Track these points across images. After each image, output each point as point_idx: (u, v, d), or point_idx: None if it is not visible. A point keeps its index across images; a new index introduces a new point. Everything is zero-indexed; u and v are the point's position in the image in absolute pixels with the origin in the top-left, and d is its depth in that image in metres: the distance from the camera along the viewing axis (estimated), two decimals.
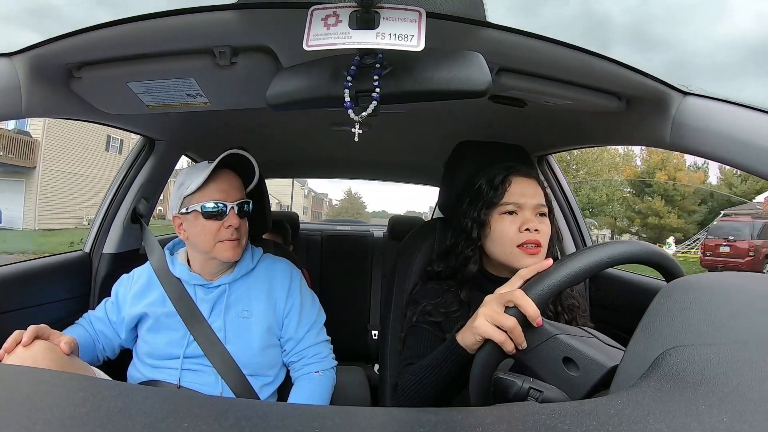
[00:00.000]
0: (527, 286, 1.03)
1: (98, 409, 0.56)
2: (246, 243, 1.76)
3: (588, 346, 0.94)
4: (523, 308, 0.99)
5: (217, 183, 1.69)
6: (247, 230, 1.76)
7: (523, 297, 1.00)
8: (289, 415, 0.61)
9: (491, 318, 1.04)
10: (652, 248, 1.08)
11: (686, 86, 1.37)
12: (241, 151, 1.73)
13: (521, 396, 0.92)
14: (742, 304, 0.74)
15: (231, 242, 1.68)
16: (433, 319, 1.50)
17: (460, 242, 1.55)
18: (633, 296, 2.07)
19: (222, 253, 1.68)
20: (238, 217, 1.69)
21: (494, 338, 1.02)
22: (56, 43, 1.30)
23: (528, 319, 0.99)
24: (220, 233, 1.67)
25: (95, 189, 19.00)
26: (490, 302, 1.08)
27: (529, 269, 1.09)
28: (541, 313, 1.40)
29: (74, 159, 23.72)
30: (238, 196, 1.71)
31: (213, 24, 1.21)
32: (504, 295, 1.05)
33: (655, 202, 31.57)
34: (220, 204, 1.66)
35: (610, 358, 0.90)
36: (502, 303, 1.04)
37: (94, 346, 1.77)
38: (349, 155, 3.32)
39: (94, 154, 24.59)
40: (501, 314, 1.02)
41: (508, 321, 1.00)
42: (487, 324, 1.04)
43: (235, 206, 1.68)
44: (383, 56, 1.03)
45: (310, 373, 1.78)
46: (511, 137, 2.01)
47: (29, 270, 1.98)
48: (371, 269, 3.89)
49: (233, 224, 1.66)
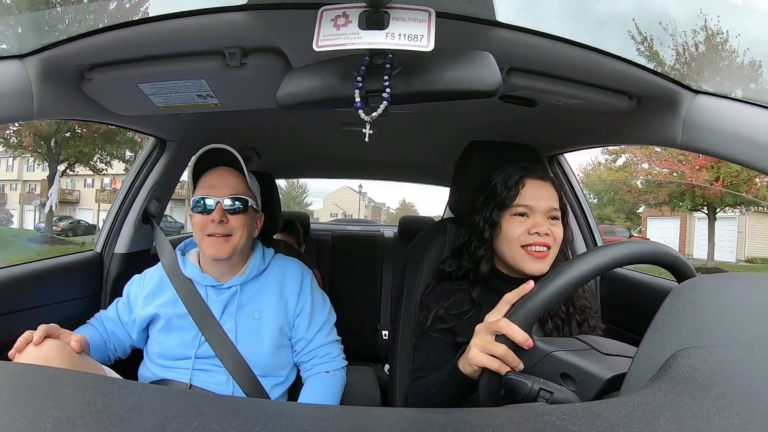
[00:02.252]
0: (512, 312, 1.03)
1: (108, 408, 0.57)
2: (241, 242, 1.72)
3: (583, 359, 0.93)
4: (511, 336, 0.99)
5: (206, 179, 1.71)
6: (243, 227, 1.72)
7: (508, 325, 1.00)
8: (299, 414, 0.62)
9: (483, 348, 1.05)
10: (633, 251, 1.03)
11: (697, 85, 1.36)
12: (222, 146, 1.70)
13: (531, 397, 0.91)
14: (754, 306, 0.74)
15: (216, 238, 1.66)
16: (445, 326, 1.50)
17: (473, 241, 1.55)
18: (644, 297, 2.06)
19: (207, 248, 1.68)
20: (226, 212, 1.67)
21: (489, 367, 1.03)
22: (67, 45, 1.31)
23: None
24: (208, 228, 1.66)
25: None
26: (481, 332, 1.08)
27: (514, 293, 1.08)
28: (552, 315, 1.39)
29: None
30: (228, 192, 1.69)
31: (223, 25, 1.22)
32: (491, 325, 1.05)
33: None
34: (206, 198, 1.67)
35: (608, 369, 0.89)
36: (491, 332, 1.05)
37: (105, 346, 1.78)
38: (359, 155, 3.31)
39: None
40: (491, 343, 1.03)
41: (498, 349, 1.01)
42: (480, 354, 1.05)
43: (223, 201, 1.67)
44: (393, 56, 1.03)
45: (320, 373, 1.78)
46: (521, 137, 2.00)
47: (41, 269, 1.99)
48: (382, 270, 3.87)
49: (215, 218, 1.65)
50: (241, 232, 1.71)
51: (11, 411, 0.53)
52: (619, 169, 26.28)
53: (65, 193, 35.19)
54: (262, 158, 3.02)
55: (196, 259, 1.81)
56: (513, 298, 1.07)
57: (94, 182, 35.26)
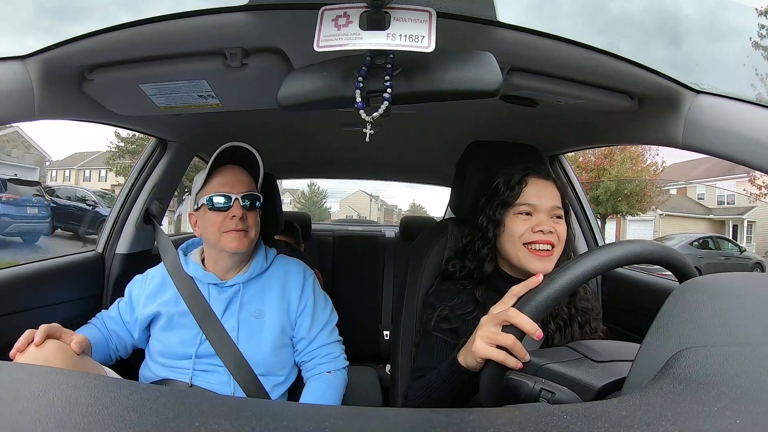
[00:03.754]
0: (521, 303, 1.03)
1: (109, 408, 0.57)
2: (255, 238, 1.76)
3: (575, 369, 0.93)
4: (520, 325, 1.00)
5: (221, 176, 1.73)
6: (256, 224, 1.76)
7: (518, 315, 1.01)
8: (300, 415, 0.61)
9: (489, 339, 1.05)
10: (639, 250, 1.04)
11: (698, 84, 1.36)
12: (241, 144, 1.75)
13: (533, 397, 0.91)
14: (756, 306, 0.73)
15: (236, 233, 1.68)
16: (449, 326, 1.49)
17: (476, 241, 1.55)
18: (645, 297, 2.05)
19: (227, 243, 1.69)
20: (244, 209, 1.70)
21: (495, 358, 1.03)
22: (68, 46, 1.31)
23: (527, 335, 1.00)
24: (225, 224, 1.68)
25: None
26: (487, 323, 1.08)
27: (521, 285, 1.08)
28: (555, 316, 1.40)
29: None
30: (243, 189, 1.72)
31: (224, 26, 1.22)
32: (499, 315, 1.06)
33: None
34: (224, 195, 1.69)
35: (599, 378, 0.90)
36: (498, 323, 1.05)
37: (107, 345, 1.78)
38: (360, 155, 3.32)
39: None
40: (499, 333, 1.03)
41: (507, 339, 1.01)
42: (485, 346, 1.06)
43: (240, 198, 1.70)
44: (394, 57, 1.03)
45: (321, 373, 1.78)
46: (522, 137, 2.01)
47: (42, 269, 2.00)
48: (383, 269, 3.88)
49: (236, 215, 1.68)
50: (256, 229, 1.76)
51: (12, 411, 0.53)
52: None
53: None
54: (263, 158, 3.02)
55: (199, 257, 1.82)
56: (521, 290, 1.07)
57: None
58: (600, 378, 0.89)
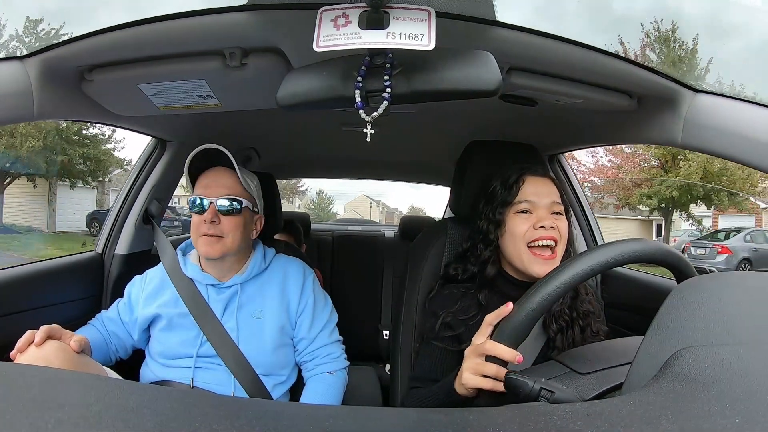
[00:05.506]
0: (497, 333, 1.06)
1: (110, 409, 0.57)
2: (234, 245, 1.71)
3: (561, 384, 0.94)
4: (499, 356, 1.03)
5: (201, 179, 1.73)
6: (235, 230, 1.71)
7: (496, 346, 1.03)
8: (300, 415, 0.61)
9: (475, 370, 1.09)
10: (612, 255, 1.02)
11: (697, 84, 1.36)
12: (214, 146, 1.69)
13: (533, 396, 0.91)
14: (755, 305, 0.74)
15: (208, 238, 1.67)
16: (452, 333, 1.49)
17: (478, 244, 1.54)
18: (644, 296, 2.05)
19: (200, 247, 1.69)
20: (220, 213, 1.67)
21: (484, 387, 1.08)
22: (67, 46, 1.31)
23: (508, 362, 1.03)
24: (201, 228, 1.67)
25: None
26: (470, 356, 1.12)
27: (493, 315, 1.12)
28: (557, 317, 1.40)
29: None
30: (222, 192, 1.69)
31: (223, 26, 1.21)
32: (478, 348, 1.09)
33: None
34: (199, 199, 1.68)
35: (585, 391, 0.91)
36: (479, 354, 1.08)
37: (107, 346, 1.78)
38: (360, 155, 3.31)
39: None
40: (483, 364, 1.07)
41: (491, 369, 1.05)
42: (473, 377, 1.10)
43: (216, 201, 1.67)
44: (393, 56, 1.03)
45: (322, 373, 1.78)
46: (522, 136, 2.00)
47: (42, 270, 2.00)
48: (382, 269, 3.87)
49: (207, 219, 1.65)
50: (233, 235, 1.70)
51: (12, 411, 0.53)
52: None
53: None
54: (262, 158, 3.02)
55: (197, 258, 1.81)
56: (493, 319, 1.11)
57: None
58: (585, 392, 0.91)
